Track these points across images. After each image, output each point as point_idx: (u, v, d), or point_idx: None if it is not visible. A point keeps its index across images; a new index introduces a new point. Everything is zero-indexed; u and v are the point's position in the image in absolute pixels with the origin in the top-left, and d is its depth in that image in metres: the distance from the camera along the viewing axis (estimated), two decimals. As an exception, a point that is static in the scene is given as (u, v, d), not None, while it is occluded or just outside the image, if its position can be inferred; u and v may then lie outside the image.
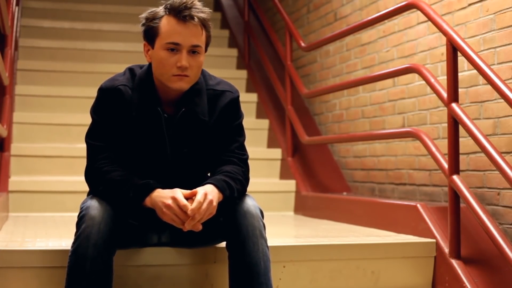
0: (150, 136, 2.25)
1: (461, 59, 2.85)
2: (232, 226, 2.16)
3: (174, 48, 2.17)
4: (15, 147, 4.07)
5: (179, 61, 2.16)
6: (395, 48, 3.76)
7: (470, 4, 3.14)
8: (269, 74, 4.90)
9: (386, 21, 3.78)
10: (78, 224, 2.10)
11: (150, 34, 2.22)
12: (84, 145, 2.27)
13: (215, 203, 2.11)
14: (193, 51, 2.19)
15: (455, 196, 2.66)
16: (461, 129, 2.67)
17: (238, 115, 2.34)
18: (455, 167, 2.68)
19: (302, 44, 4.28)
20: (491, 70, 2.55)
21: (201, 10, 2.19)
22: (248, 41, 5.41)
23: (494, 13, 2.97)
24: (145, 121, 2.24)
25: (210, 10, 2.24)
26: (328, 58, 4.57)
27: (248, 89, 5.25)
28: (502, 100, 2.80)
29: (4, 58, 3.97)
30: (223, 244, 2.30)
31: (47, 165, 4.08)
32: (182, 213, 2.08)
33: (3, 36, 4.16)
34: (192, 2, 2.18)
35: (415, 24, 3.58)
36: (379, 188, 3.92)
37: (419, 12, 3.33)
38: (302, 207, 4.13)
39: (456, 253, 2.68)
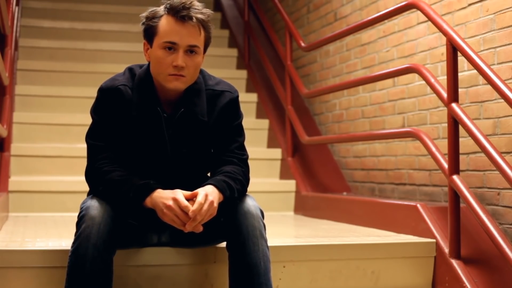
0: (150, 136, 2.25)
1: (461, 59, 2.85)
2: (232, 226, 2.16)
3: (171, 47, 2.17)
4: (15, 147, 4.07)
5: (175, 61, 2.16)
6: (395, 48, 3.76)
7: (470, 4, 3.14)
8: (269, 74, 4.89)
9: (386, 21, 3.78)
10: (78, 224, 2.10)
11: (149, 33, 2.22)
12: (84, 145, 2.27)
13: (215, 204, 2.11)
14: (191, 50, 2.19)
15: (455, 196, 2.66)
16: (461, 129, 2.67)
17: (238, 115, 2.34)
18: (455, 167, 2.68)
19: (302, 44, 4.28)
20: (491, 70, 2.55)
21: (200, 11, 2.19)
22: (248, 41, 5.41)
23: (494, 13, 2.97)
24: (145, 121, 2.24)
25: (211, 11, 2.24)
26: (328, 58, 4.57)
27: (248, 89, 5.25)
28: (502, 100, 2.80)
29: (4, 58, 3.97)
30: (223, 244, 2.30)
31: (47, 165, 4.08)
32: (183, 214, 2.08)
33: (3, 36, 4.16)
34: (191, 2, 2.18)
35: (415, 24, 3.58)
36: (379, 188, 3.92)
37: (419, 12, 3.33)
38: (302, 207, 4.12)
39: (456, 253, 2.68)
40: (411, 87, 3.62)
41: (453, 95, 2.70)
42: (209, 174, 2.35)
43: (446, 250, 2.72)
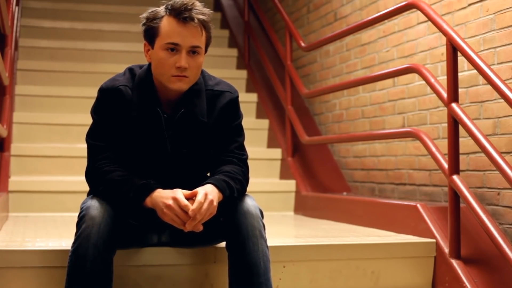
0: (150, 136, 2.25)
1: (461, 59, 2.85)
2: (232, 226, 2.17)
3: (173, 48, 2.17)
4: (15, 147, 4.07)
5: (178, 62, 2.16)
6: (395, 48, 3.76)
7: (470, 4, 3.14)
8: (269, 74, 4.90)
9: (386, 21, 3.78)
10: (78, 224, 2.10)
11: (150, 34, 2.22)
12: (84, 145, 2.28)
13: (215, 203, 2.11)
14: (193, 51, 2.19)
15: (455, 196, 2.66)
16: (461, 129, 2.67)
17: (237, 116, 2.34)
18: (455, 167, 2.68)
19: (302, 44, 4.28)
20: (491, 70, 2.55)
21: (201, 12, 2.19)
22: (248, 41, 5.41)
23: (494, 13, 2.97)
24: (145, 121, 2.24)
25: (211, 11, 2.24)
26: (328, 58, 4.57)
27: (248, 89, 5.25)
28: (502, 100, 2.80)
29: (4, 58, 3.97)
30: (223, 244, 2.30)
31: (47, 165, 4.08)
32: (183, 214, 2.08)
33: (3, 36, 4.16)
34: (193, 3, 2.18)
35: (415, 24, 3.58)
36: (379, 188, 3.92)
37: (419, 12, 3.33)
38: (302, 207, 4.13)
39: (456, 253, 2.68)
40: (411, 87, 3.62)
41: (453, 95, 2.70)
42: (208, 174, 2.36)
43: (446, 250, 2.72)
